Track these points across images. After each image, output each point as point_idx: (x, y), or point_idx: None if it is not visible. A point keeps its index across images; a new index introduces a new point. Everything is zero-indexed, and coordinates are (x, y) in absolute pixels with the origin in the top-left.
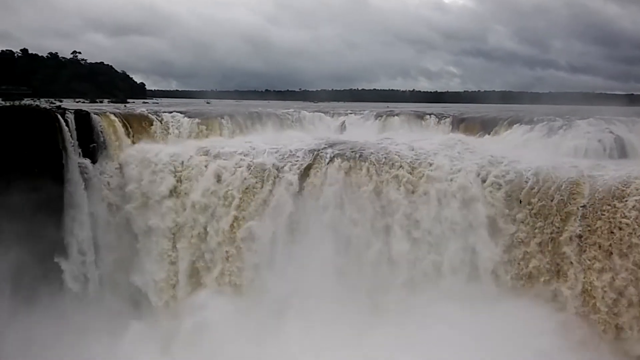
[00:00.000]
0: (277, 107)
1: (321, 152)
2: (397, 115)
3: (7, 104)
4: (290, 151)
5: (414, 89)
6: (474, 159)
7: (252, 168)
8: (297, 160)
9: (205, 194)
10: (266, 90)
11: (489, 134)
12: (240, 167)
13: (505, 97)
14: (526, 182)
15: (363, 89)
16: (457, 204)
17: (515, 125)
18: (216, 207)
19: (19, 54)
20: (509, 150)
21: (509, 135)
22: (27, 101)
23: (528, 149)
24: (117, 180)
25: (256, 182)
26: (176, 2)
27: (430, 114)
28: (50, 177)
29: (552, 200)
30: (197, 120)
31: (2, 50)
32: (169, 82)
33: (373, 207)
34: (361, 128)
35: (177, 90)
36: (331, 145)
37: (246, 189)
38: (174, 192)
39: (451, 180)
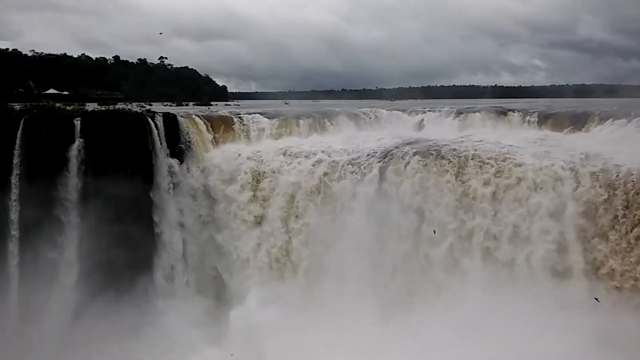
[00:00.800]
0: (354, 106)
1: (396, 153)
2: (478, 111)
3: (103, 108)
4: (365, 152)
5: (495, 84)
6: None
7: (321, 196)
8: (369, 168)
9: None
10: (343, 89)
11: (579, 130)
12: (309, 192)
13: (597, 90)
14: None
15: (442, 86)
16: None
17: (608, 121)
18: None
19: (112, 61)
20: (602, 147)
21: (601, 131)
22: (120, 105)
23: (623, 146)
24: (201, 179)
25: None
26: (256, 6)
27: (514, 110)
28: (141, 176)
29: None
30: (275, 121)
31: (97, 58)
32: (249, 84)
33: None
34: (440, 126)
35: (256, 92)
36: (408, 144)
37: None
38: (253, 198)
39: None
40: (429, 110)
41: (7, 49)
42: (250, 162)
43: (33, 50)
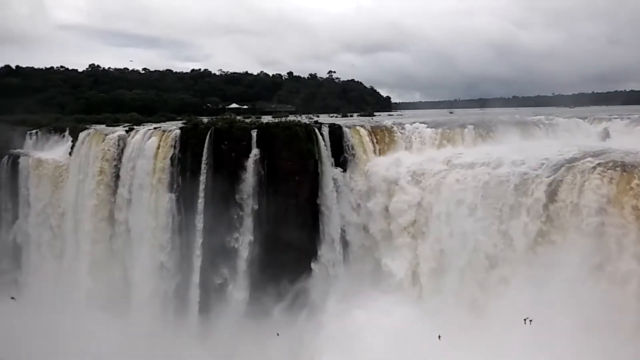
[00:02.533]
0: (526, 114)
1: (574, 165)
2: None
3: (276, 120)
4: (536, 164)
5: None
6: None
7: (483, 208)
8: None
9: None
10: (514, 96)
11: None
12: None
13: None
14: None
15: (632, 90)
16: None
17: None
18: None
19: (286, 77)
20: None
21: None
22: (291, 118)
23: None
24: (363, 188)
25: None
26: (421, 17)
27: None
28: (308, 183)
29: None
30: (439, 130)
31: (273, 75)
32: (413, 94)
33: None
34: (629, 135)
35: (420, 102)
36: (589, 155)
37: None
38: (414, 206)
39: None
40: (615, 118)
41: (200, 69)
42: (411, 171)
43: (220, 70)
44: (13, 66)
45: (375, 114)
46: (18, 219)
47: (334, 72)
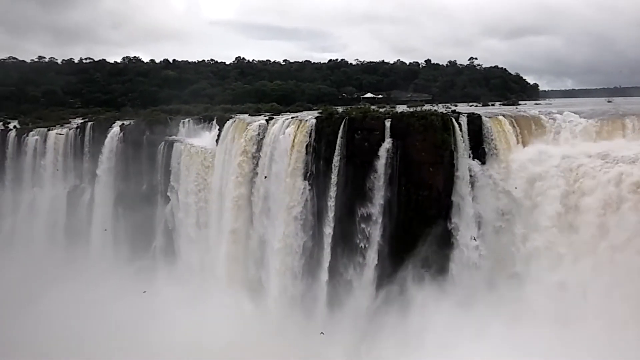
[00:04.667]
0: None
1: None
2: None
3: (411, 110)
4: None
5: None
6: None
7: None
8: None
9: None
10: None
11: None
12: None
13: None
14: None
15: None
16: None
17: None
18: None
19: (423, 65)
20: None
21: None
22: (426, 107)
23: None
24: (504, 182)
25: None
26: None
27: None
28: (442, 174)
29: None
30: (593, 120)
31: (410, 63)
32: (564, 81)
33: None
34: None
35: (572, 89)
36: None
37: None
38: (562, 205)
39: None
40: None
41: (337, 59)
42: (561, 166)
43: (357, 59)
44: (170, 60)
45: (520, 102)
46: (171, 200)
47: (475, 58)
